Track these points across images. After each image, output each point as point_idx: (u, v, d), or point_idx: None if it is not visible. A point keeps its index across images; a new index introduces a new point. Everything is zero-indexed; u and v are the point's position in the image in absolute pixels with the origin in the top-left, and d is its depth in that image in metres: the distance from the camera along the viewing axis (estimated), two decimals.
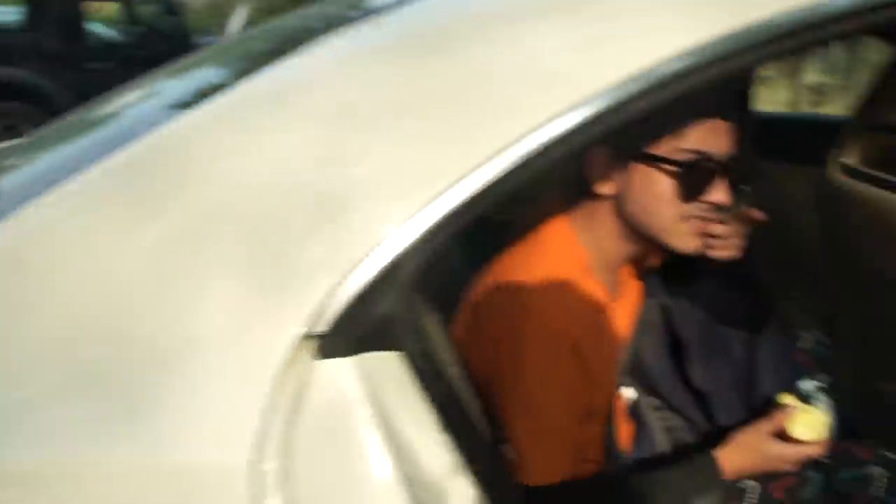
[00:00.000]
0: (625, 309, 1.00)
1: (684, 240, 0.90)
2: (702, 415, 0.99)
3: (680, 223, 0.89)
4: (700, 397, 0.99)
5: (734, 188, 0.89)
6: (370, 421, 0.51)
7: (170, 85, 0.96)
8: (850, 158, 1.13)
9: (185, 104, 0.70)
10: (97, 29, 6.65)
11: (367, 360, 0.53)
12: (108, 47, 6.38)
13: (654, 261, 1.02)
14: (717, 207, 0.89)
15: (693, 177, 0.87)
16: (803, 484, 0.97)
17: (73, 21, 6.03)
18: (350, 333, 0.52)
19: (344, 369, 0.52)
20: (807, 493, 0.97)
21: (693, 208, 0.88)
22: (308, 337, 0.51)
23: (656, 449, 0.98)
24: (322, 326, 0.51)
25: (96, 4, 7.00)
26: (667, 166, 0.87)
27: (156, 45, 5.99)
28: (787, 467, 0.90)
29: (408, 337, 0.57)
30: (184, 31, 6.64)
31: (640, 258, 0.99)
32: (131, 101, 0.94)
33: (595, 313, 0.91)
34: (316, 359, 0.51)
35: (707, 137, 0.87)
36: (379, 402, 0.52)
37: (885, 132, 1.07)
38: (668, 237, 0.90)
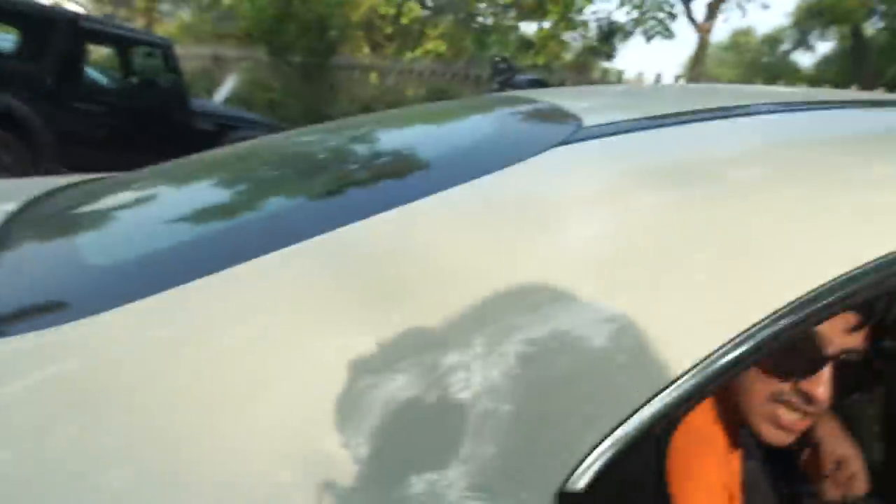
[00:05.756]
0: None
1: (765, 425, 0.80)
2: None
3: (764, 403, 0.79)
4: None
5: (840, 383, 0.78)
6: None
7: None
8: None
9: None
10: (94, 72, 6.37)
11: None
12: (101, 91, 6.09)
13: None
14: (806, 395, 0.77)
15: (792, 355, 0.76)
16: None
17: (71, 58, 5.62)
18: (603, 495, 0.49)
19: None
20: None
21: (786, 389, 0.78)
22: (562, 495, 0.48)
23: None
24: (578, 485, 0.48)
25: (93, 47, 6.69)
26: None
27: (150, 99, 6.00)
28: None
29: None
30: (181, 89, 6.36)
31: None
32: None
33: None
34: None
35: None
36: None
37: None
38: (751, 413, 0.80)
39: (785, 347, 0.74)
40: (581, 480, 0.47)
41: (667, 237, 0.56)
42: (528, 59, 10.26)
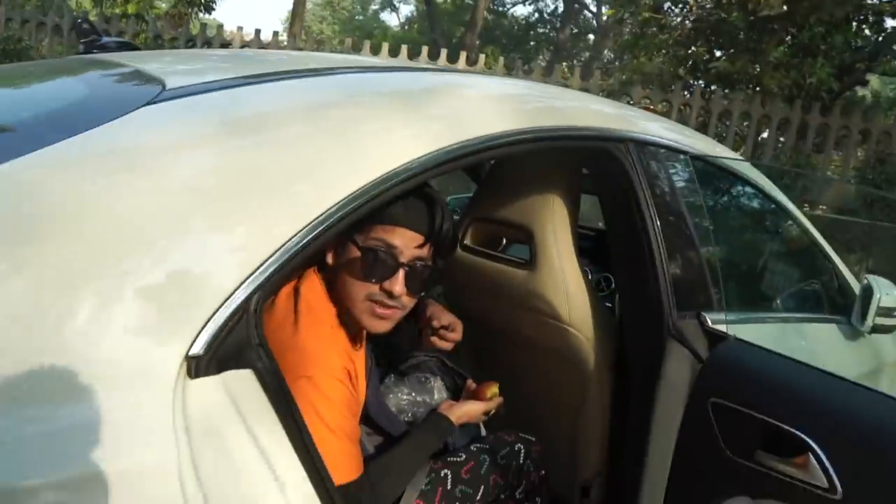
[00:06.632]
0: (361, 359, 1.17)
1: (366, 318, 1.12)
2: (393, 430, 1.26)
3: (364, 302, 1.11)
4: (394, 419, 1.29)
5: (412, 283, 1.11)
6: (233, 425, 0.70)
7: None
8: (465, 239, 1.62)
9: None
10: None
11: (229, 376, 0.71)
12: None
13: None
14: (391, 295, 1.10)
15: (376, 263, 1.09)
16: (479, 463, 1.32)
17: None
18: (217, 355, 0.69)
19: (213, 383, 0.69)
20: (483, 469, 1.32)
21: (374, 290, 1.10)
22: (188, 358, 0.67)
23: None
24: (197, 350, 0.68)
25: None
26: (359, 249, 1.08)
27: None
28: (479, 416, 1.33)
29: (256, 357, 0.73)
30: None
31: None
32: None
33: (349, 354, 1.10)
34: (193, 376, 0.68)
35: (393, 236, 1.09)
36: (238, 410, 0.71)
37: (482, 221, 1.62)
38: (355, 310, 1.12)
39: (370, 260, 1.07)
40: (199, 346, 0.68)
41: (237, 173, 0.77)
42: (116, 8, 9.29)
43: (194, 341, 0.68)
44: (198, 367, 0.68)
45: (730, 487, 1.13)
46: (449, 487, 1.25)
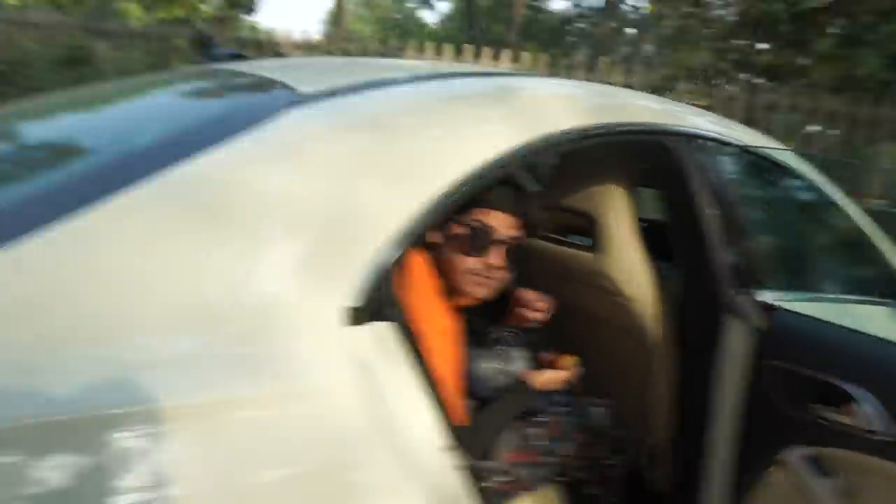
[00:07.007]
0: (456, 327, 1.35)
1: (470, 286, 1.32)
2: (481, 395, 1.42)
3: (467, 273, 1.31)
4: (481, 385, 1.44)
5: (507, 257, 1.32)
6: (379, 366, 0.87)
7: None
8: None
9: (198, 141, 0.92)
10: None
11: (376, 326, 0.88)
12: None
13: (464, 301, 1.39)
14: (490, 267, 1.30)
15: (477, 240, 1.28)
16: (562, 424, 1.51)
17: None
18: (367, 308, 0.87)
19: (364, 331, 0.87)
20: (566, 429, 1.50)
21: (476, 263, 1.29)
22: (349, 308, 0.86)
23: None
24: (355, 302, 0.86)
25: None
26: (462, 228, 1.28)
27: None
28: (560, 384, 1.49)
29: (394, 313, 0.91)
30: None
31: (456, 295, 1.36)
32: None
33: (450, 317, 1.30)
34: (349, 324, 0.85)
35: (489, 218, 1.29)
36: (382, 354, 0.88)
37: (547, 210, 1.77)
38: (459, 280, 1.32)
39: (471, 237, 1.27)
40: (357, 300, 0.86)
41: (370, 166, 0.94)
42: (163, 13, 9.71)
43: (353, 295, 0.86)
44: (353, 316, 0.85)
45: (788, 440, 1.26)
46: (535, 445, 1.41)
